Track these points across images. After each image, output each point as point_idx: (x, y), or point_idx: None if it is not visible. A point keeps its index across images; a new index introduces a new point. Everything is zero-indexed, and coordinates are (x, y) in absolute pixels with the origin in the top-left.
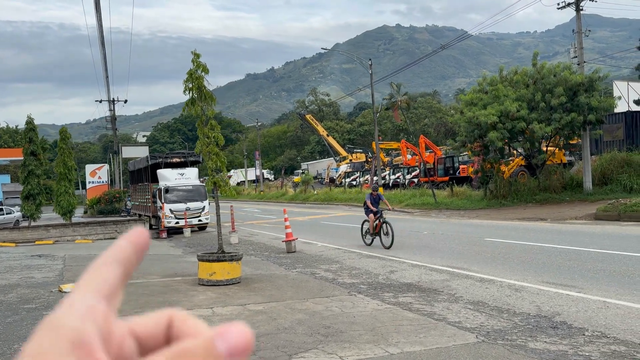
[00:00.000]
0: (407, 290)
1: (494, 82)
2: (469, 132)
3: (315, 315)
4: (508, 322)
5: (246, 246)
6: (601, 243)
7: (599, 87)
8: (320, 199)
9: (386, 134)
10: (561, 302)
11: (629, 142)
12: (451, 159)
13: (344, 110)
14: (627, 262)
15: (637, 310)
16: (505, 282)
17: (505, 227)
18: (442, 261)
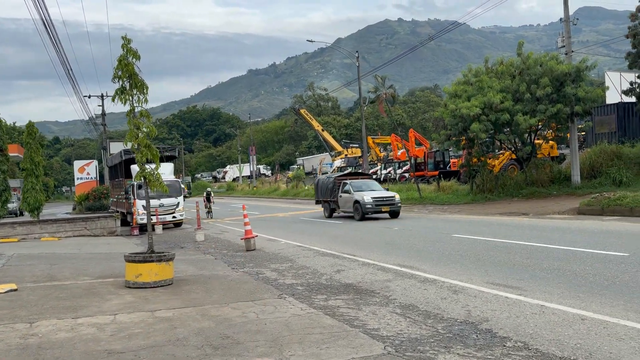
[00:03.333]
0: (343, 292)
1: (479, 73)
2: (453, 125)
3: (223, 323)
4: (429, 329)
5: (210, 244)
6: (571, 240)
7: (586, 78)
8: (310, 194)
9: (383, 129)
10: (496, 306)
11: (620, 134)
12: (441, 153)
13: (344, 105)
14: (587, 260)
15: (572, 316)
16: (447, 283)
17: (481, 222)
18: (396, 259)
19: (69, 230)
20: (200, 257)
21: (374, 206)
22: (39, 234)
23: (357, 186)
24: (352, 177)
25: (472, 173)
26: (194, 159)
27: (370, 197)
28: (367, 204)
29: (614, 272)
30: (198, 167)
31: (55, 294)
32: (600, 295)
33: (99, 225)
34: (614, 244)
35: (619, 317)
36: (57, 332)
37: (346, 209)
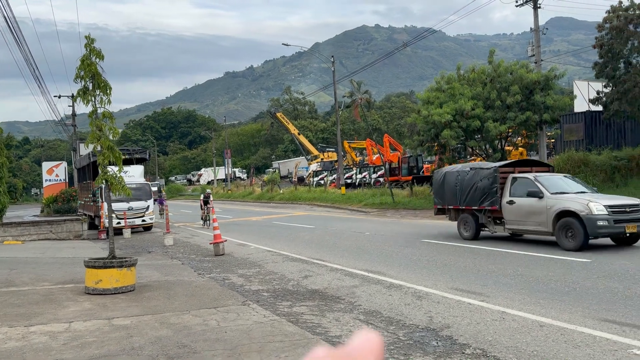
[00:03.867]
0: (309, 299)
1: (451, 80)
2: (426, 131)
3: (182, 332)
4: (391, 336)
5: (178, 248)
6: (535, 245)
7: (555, 86)
8: (285, 198)
9: (360, 134)
10: (458, 312)
11: (587, 142)
12: (415, 158)
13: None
14: (550, 266)
15: (532, 322)
16: (412, 289)
17: (451, 227)
18: (364, 264)
19: (33, 234)
20: (166, 262)
21: (611, 223)
22: (1, 238)
23: (554, 184)
24: (522, 168)
25: None
26: (168, 161)
27: (603, 206)
28: (599, 218)
29: (575, 278)
30: (172, 170)
31: (10, 300)
32: (560, 302)
33: (65, 229)
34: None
35: (576, 324)
36: (7, 342)
37: (526, 224)
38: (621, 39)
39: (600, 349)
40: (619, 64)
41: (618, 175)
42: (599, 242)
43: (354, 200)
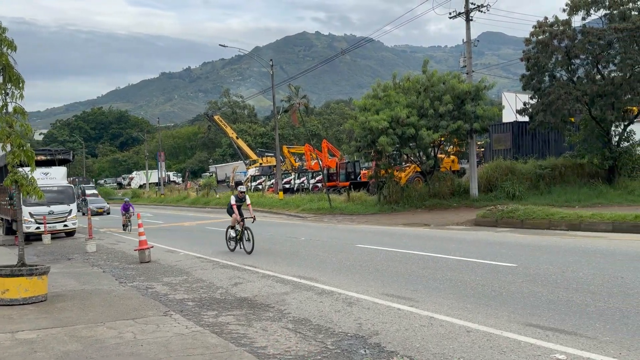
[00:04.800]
0: (236, 307)
1: (387, 88)
2: (363, 137)
3: (94, 346)
4: (319, 345)
5: (101, 255)
6: (465, 250)
7: (485, 97)
8: (221, 203)
9: (299, 139)
10: (388, 318)
11: (515, 151)
12: (352, 164)
13: (261, 113)
14: (478, 271)
15: (459, 328)
16: (343, 295)
17: (386, 232)
18: (297, 270)
19: None
20: (86, 270)
21: None
22: None
23: None
24: None
25: (380, 184)
26: (97, 163)
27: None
28: None
29: (501, 283)
30: (102, 172)
31: None
32: (486, 306)
33: None
34: (504, 255)
35: (502, 329)
36: None
37: None
38: (546, 53)
39: (524, 354)
40: (544, 77)
41: (542, 183)
42: (525, 246)
43: (291, 205)
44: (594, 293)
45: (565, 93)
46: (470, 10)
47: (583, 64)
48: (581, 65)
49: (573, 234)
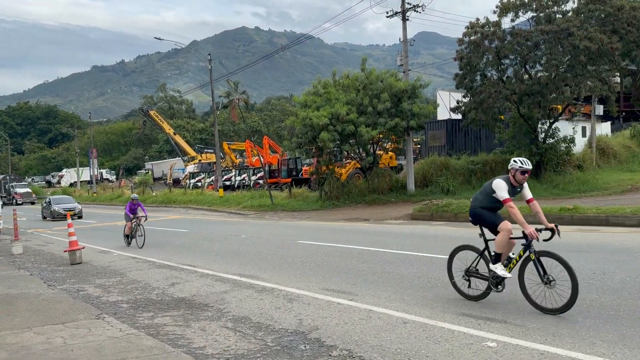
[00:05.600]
0: (174, 308)
1: (327, 85)
2: (304, 134)
3: (19, 353)
4: (258, 342)
5: (29, 257)
6: (402, 243)
7: (420, 95)
8: (158, 201)
9: (240, 135)
10: (327, 313)
11: (449, 147)
12: (294, 160)
13: (200, 109)
14: (415, 263)
15: (396, 319)
16: (284, 291)
17: (327, 228)
18: (237, 268)
19: None
20: (12, 273)
21: None
22: None
23: None
24: None
25: (321, 181)
26: (24, 161)
27: None
28: None
29: (437, 275)
30: (29, 170)
31: None
32: (422, 298)
33: None
34: (439, 248)
35: (437, 319)
36: None
37: None
38: (478, 53)
39: (458, 343)
40: (476, 76)
41: (474, 178)
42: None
43: (232, 202)
44: None
45: (496, 92)
46: (406, 10)
47: (512, 64)
48: (510, 65)
49: None
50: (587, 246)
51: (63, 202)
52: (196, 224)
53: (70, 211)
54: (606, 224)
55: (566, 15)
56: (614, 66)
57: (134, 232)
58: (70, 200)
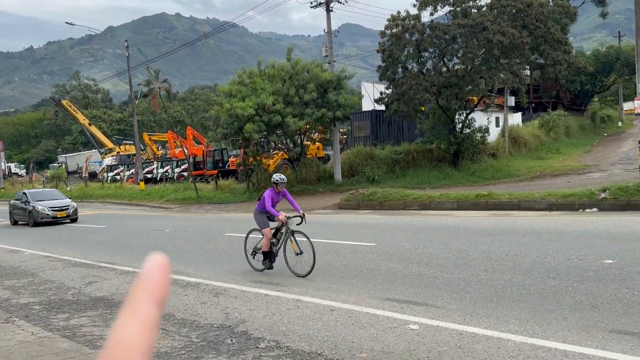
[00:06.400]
0: (91, 308)
1: (253, 75)
2: (229, 124)
3: None
4: (183, 339)
5: None
6: (330, 232)
7: (346, 86)
8: (73, 196)
9: (162, 126)
10: (255, 305)
11: (373, 138)
12: (220, 152)
13: (118, 98)
14: (342, 251)
15: (323, 307)
16: (210, 286)
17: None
18: None
19: None
20: None
21: None
22: None
23: None
24: None
25: (248, 172)
26: None
27: None
28: None
29: (362, 262)
30: None
31: None
32: (349, 285)
33: None
34: (365, 235)
35: (363, 305)
36: None
37: None
38: (399, 45)
39: (382, 327)
40: (398, 69)
41: (398, 167)
42: (383, 226)
43: (154, 196)
44: (442, 266)
45: (416, 84)
46: (330, 1)
47: (431, 56)
48: (430, 58)
49: (424, 213)
50: (501, 230)
51: (47, 198)
52: (115, 219)
53: (61, 211)
54: (518, 209)
55: (481, 10)
56: (524, 60)
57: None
58: (56, 194)
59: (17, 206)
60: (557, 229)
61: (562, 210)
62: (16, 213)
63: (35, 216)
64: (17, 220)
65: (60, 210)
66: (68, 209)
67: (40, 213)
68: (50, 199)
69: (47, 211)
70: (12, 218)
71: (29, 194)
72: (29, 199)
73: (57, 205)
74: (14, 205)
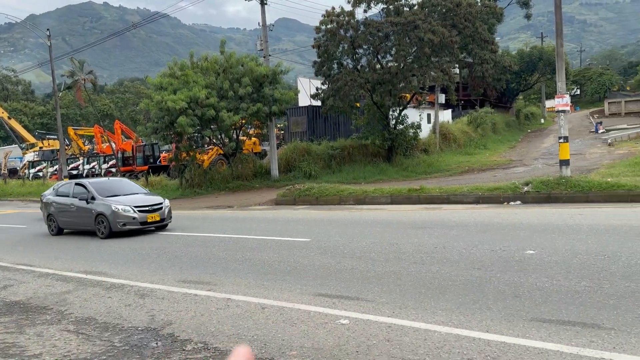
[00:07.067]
0: (5, 313)
1: (184, 67)
2: (160, 118)
3: None
4: (104, 344)
5: None
6: (265, 229)
7: (281, 81)
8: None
9: (88, 120)
10: (183, 306)
11: (310, 133)
12: (151, 147)
13: (41, 91)
14: (276, 248)
15: (255, 306)
16: (136, 287)
17: (187, 217)
18: (83, 265)
19: None
20: None
21: None
22: None
23: None
24: None
25: (181, 168)
26: None
27: None
28: None
29: (296, 258)
30: None
31: None
32: (282, 281)
33: None
34: (300, 231)
35: (294, 302)
36: None
37: None
38: (334, 41)
39: (313, 323)
40: (333, 64)
41: (334, 162)
42: (319, 221)
43: None
44: (374, 260)
45: (351, 80)
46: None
47: (366, 53)
48: (364, 55)
49: (359, 208)
50: (431, 223)
51: (121, 192)
52: (37, 218)
53: (153, 212)
54: (447, 202)
55: (413, 8)
56: (453, 58)
57: None
58: (130, 185)
59: (64, 206)
60: (483, 221)
61: (488, 203)
62: (63, 216)
63: (111, 222)
64: (62, 227)
65: (151, 210)
66: (161, 208)
67: (121, 216)
68: (126, 193)
69: (131, 212)
70: (52, 223)
71: (91, 185)
72: (94, 194)
73: (144, 202)
74: (56, 204)
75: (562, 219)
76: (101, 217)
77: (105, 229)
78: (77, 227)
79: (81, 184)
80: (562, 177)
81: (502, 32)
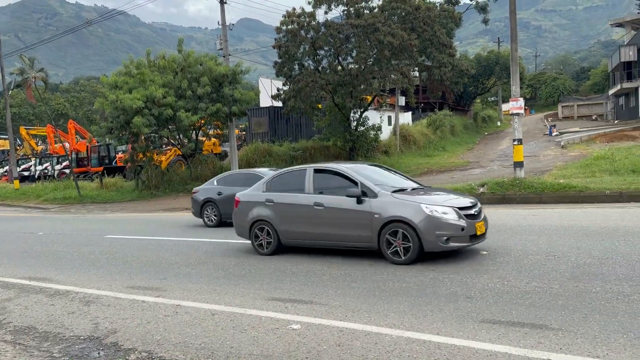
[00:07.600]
0: None
1: (141, 65)
2: (115, 118)
3: None
4: (43, 355)
5: None
6: (221, 231)
7: (242, 81)
8: None
9: (42, 119)
10: (129, 313)
11: (272, 134)
12: (107, 147)
13: None
14: (234, 251)
15: (204, 312)
16: (81, 294)
17: (142, 220)
18: (27, 271)
19: None
20: None
21: None
22: None
23: None
24: None
25: (137, 169)
26: None
27: None
28: None
29: (252, 261)
30: None
31: None
32: (235, 286)
33: None
34: None
35: (246, 307)
36: None
37: None
38: (295, 42)
39: (264, 329)
40: (294, 65)
41: (296, 163)
42: None
43: (30, 195)
44: (330, 262)
45: (312, 81)
46: None
47: (327, 55)
48: (325, 56)
49: None
50: None
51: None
52: None
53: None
54: None
55: (373, 11)
56: (413, 61)
57: None
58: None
59: (298, 208)
60: None
61: None
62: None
63: (423, 234)
64: (287, 240)
65: (476, 214)
66: (481, 212)
67: (443, 225)
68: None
69: (456, 219)
70: (265, 237)
71: (355, 172)
72: (369, 185)
73: (463, 203)
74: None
75: (516, 219)
76: (398, 225)
77: (407, 246)
78: (328, 242)
79: (333, 171)
80: (517, 178)
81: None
